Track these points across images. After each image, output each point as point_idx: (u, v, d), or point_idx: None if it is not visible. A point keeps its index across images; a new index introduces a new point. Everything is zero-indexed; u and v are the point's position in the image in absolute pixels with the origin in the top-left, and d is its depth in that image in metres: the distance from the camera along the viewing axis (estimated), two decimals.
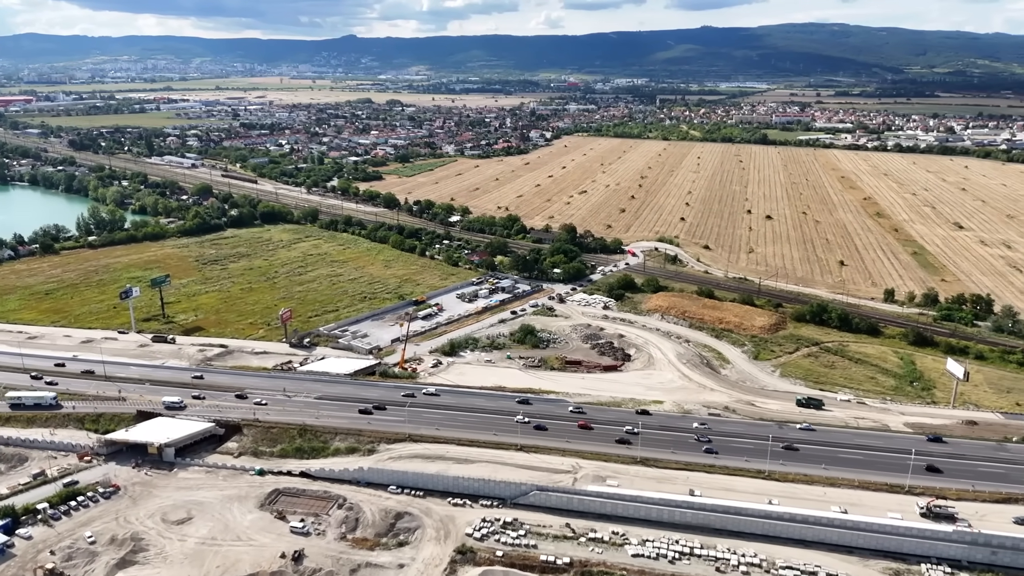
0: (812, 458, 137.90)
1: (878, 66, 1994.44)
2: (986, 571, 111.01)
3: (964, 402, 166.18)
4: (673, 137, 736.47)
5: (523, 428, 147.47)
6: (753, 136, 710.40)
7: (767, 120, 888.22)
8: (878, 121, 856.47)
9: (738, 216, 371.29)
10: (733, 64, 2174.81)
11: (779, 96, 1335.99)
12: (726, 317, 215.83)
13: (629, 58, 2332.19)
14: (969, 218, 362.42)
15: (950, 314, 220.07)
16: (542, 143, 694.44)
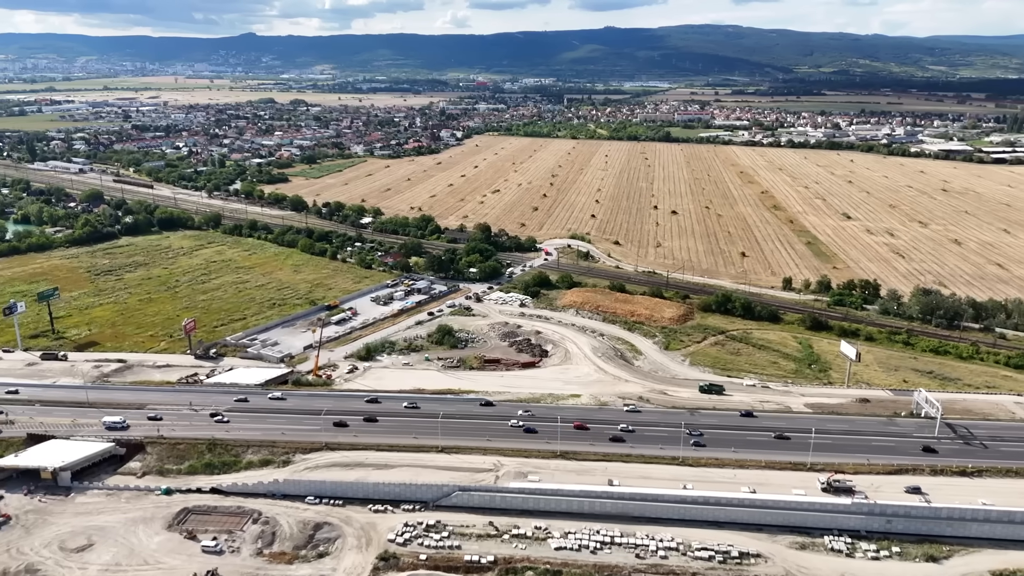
0: (722, 442, 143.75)
1: (770, 66, 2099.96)
2: (882, 539, 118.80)
3: (857, 381, 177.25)
4: (581, 136, 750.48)
5: (445, 429, 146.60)
6: (657, 134, 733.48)
7: (670, 119, 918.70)
8: (772, 118, 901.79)
9: (646, 212, 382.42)
10: (636, 64, 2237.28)
11: (680, 95, 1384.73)
12: (637, 310, 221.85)
13: (536, 58, 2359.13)
14: (856, 209, 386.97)
15: (842, 299, 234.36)
16: (453, 143, 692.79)
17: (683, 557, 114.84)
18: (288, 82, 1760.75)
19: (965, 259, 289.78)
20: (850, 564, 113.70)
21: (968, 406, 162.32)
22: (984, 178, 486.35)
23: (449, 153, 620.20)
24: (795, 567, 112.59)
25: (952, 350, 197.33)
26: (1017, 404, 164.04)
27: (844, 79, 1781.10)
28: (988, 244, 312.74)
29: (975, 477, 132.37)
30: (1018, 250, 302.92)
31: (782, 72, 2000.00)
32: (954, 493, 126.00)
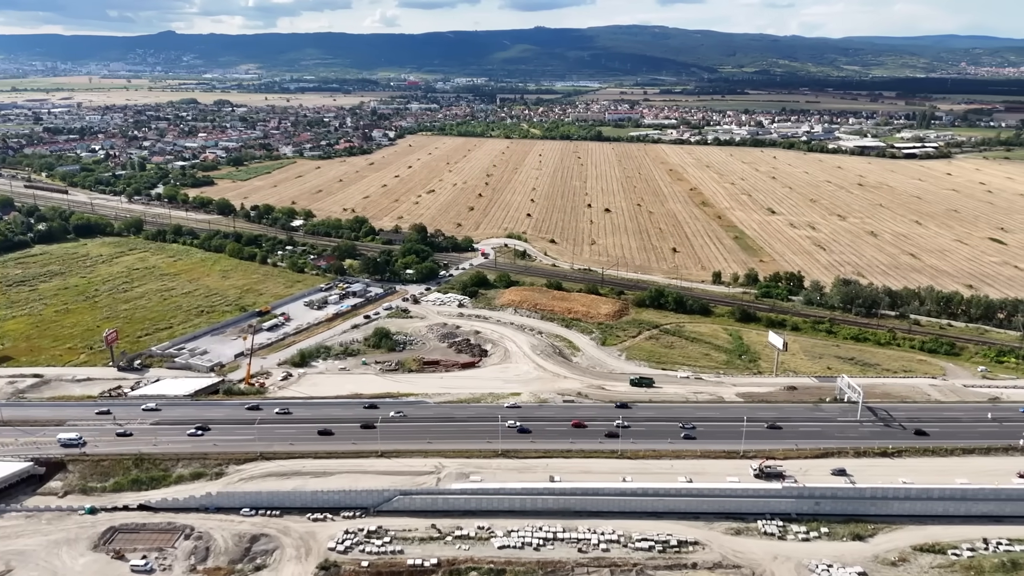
0: (660, 434, 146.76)
1: (696, 66, 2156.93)
2: (812, 520, 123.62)
3: (785, 370, 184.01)
4: (515, 135, 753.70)
5: (385, 433, 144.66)
6: (589, 133, 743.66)
7: (601, 118, 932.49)
8: (699, 117, 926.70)
9: (580, 210, 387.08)
10: (567, 64, 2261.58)
11: (610, 94, 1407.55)
12: (574, 307, 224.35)
13: (468, 58, 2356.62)
14: (780, 203, 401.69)
15: (769, 291, 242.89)
16: (386, 143, 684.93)
17: (624, 549, 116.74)
18: (211, 82, 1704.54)
19: (881, 250, 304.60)
20: (782, 546, 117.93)
21: (887, 390, 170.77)
22: (896, 172, 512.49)
23: (382, 153, 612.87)
24: (731, 552, 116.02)
25: (871, 337, 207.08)
26: (932, 386, 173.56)
27: (765, 79, 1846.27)
28: (902, 235, 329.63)
29: (895, 457, 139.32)
30: (929, 240, 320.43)
31: (707, 72, 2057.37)
32: (877, 473, 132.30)
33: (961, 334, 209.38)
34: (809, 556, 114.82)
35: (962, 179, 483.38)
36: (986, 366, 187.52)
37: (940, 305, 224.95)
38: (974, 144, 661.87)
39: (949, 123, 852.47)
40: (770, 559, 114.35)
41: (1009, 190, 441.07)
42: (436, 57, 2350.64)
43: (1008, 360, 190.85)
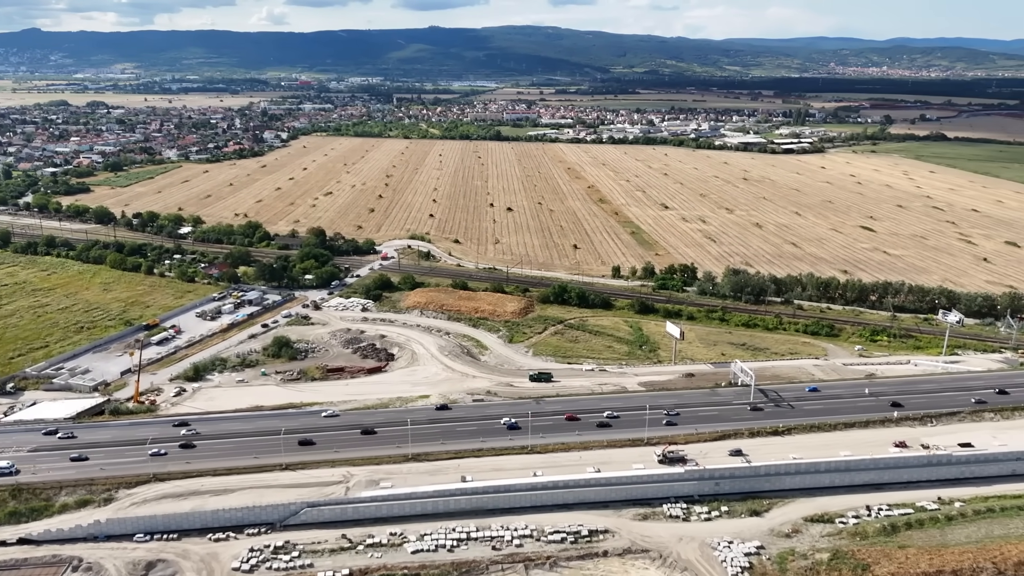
0: (567, 426, 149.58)
1: (589, 66, 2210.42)
2: (713, 500, 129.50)
3: (683, 358, 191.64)
4: (414, 135, 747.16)
5: (287, 445, 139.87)
6: (488, 133, 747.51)
7: (499, 118, 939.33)
8: (593, 116, 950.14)
9: (482, 209, 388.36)
10: (463, 64, 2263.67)
11: (507, 94, 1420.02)
12: (481, 306, 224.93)
13: (362, 57, 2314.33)
14: (672, 199, 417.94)
15: (665, 283, 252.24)
16: (278, 144, 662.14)
17: (537, 543, 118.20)
18: (83, 82, 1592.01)
19: (766, 240, 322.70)
20: (687, 528, 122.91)
21: (776, 372, 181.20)
22: (777, 167, 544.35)
23: (275, 155, 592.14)
24: (639, 537, 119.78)
25: (760, 323, 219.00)
26: (816, 367, 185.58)
27: (655, 78, 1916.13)
28: (784, 226, 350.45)
29: (786, 435, 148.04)
30: (808, 230, 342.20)
31: (600, 72, 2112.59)
32: (770, 451, 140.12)
33: (839, 316, 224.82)
34: (711, 535, 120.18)
35: (835, 172, 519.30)
36: (862, 345, 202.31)
37: (820, 290, 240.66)
38: (844, 139, 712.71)
39: (822, 120, 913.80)
40: (676, 541, 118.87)
41: (876, 181, 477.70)
42: (328, 56, 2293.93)
43: (881, 339, 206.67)
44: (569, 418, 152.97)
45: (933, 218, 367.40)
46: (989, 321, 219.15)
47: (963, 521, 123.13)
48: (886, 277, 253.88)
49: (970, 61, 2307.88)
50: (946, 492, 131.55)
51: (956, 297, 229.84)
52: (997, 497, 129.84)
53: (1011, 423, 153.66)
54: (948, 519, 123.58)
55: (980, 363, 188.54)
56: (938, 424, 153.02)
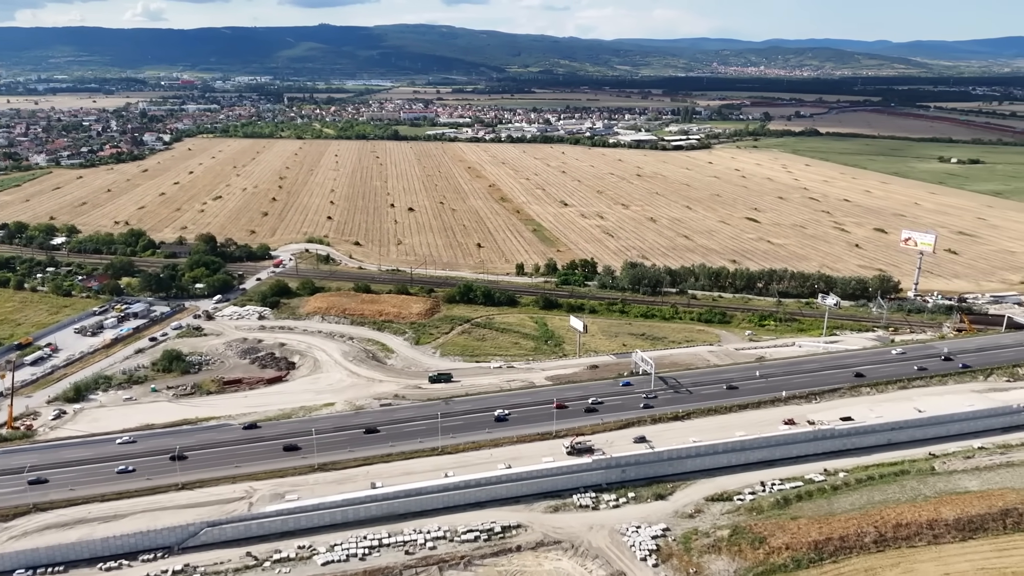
0: (476, 425, 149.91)
1: (484, 65, 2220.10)
2: (620, 488, 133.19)
3: (587, 350, 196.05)
4: (308, 136, 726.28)
5: (183, 464, 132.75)
6: (386, 133, 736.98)
7: (396, 117, 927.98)
8: (491, 115, 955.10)
9: (383, 210, 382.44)
10: (357, 63, 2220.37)
11: (404, 93, 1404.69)
12: (385, 309, 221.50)
13: (248, 55, 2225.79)
14: (571, 196, 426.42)
15: (567, 279, 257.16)
16: (160, 147, 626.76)
17: (451, 543, 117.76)
18: None
19: (660, 234, 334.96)
20: (596, 516, 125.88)
21: (674, 359, 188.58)
22: (668, 163, 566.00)
23: (157, 159, 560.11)
24: (551, 529, 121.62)
25: (657, 313, 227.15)
26: (711, 353, 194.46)
27: (549, 78, 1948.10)
28: (676, 219, 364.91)
29: (685, 420, 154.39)
30: (698, 223, 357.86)
31: (496, 71, 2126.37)
32: (671, 436, 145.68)
33: (730, 304, 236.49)
34: (620, 521, 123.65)
35: (721, 167, 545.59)
36: (752, 330, 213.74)
37: (711, 280, 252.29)
38: (729, 135, 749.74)
39: (707, 117, 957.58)
40: (586, 530, 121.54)
41: (759, 175, 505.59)
42: (212, 54, 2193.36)
43: (768, 323, 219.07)
44: (477, 416, 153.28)
45: (810, 208, 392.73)
46: (862, 303, 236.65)
47: (847, 490, 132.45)
48: (771, 265, 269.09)
49: (838, 61, 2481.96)
50: (831, 464, 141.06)
51: (833, 281, 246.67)
52: (876, 465, 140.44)
53: (885, 396, 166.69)
54: (834, 489, 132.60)
55: (856, 342, 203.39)
56: (822, 401, 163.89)
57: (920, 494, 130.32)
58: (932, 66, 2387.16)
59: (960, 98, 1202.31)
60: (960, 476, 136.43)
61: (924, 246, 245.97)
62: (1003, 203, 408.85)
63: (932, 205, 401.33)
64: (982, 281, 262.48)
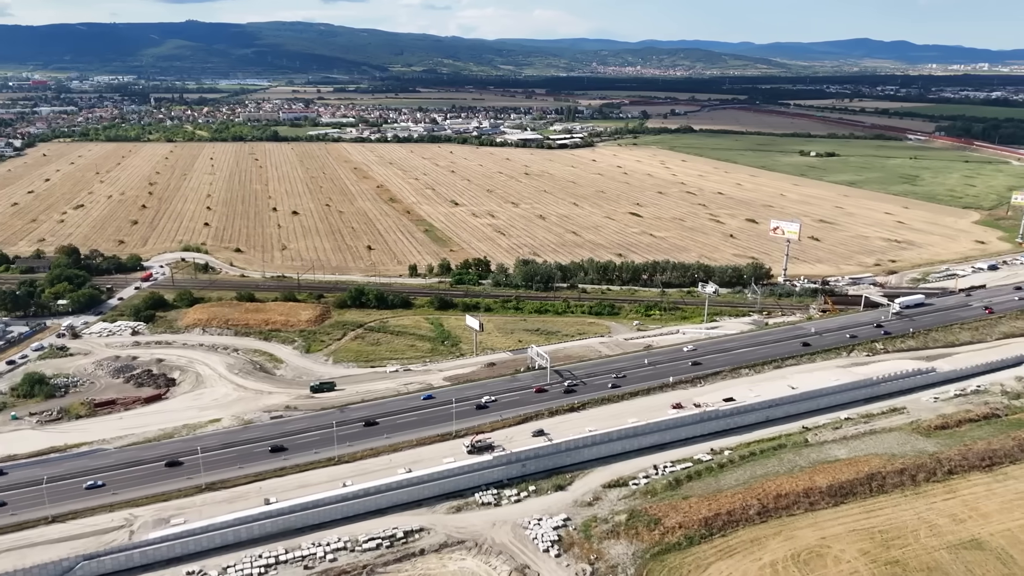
0: (377, 431, 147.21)
1: (366, 64, 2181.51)
2: (521, 482, 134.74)
3: (484, 348, 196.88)
4: (179, 138, 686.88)
5: (53, 495, 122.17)
6: (265, 134, 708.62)
7: (276, 117, 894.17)
8: (376, 115, 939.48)
9: (265, 215, 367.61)
10: (230, 61, 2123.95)
11: (282, 93, 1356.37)
12: (272, 317, 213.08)
13: (108, 53, 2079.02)
14: (461, 195, 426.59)
15: (461, 278, 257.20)
16: (11, 153, 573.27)
17: (352, 554, 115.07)
18: None
19: (550, 231, 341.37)
20: (499, 512, 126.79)
21: (568, 352, 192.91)
22: (554, 161, 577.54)
23: (7, 166, 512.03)
24: (454, 530, 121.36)
25: (550, 308, 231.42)
26: (602, 343, 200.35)
27: (434, 77, 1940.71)
28: (564, 216, 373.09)
29: (581, 411, 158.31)
30: (585, 219, 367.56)
31: (378, 70, 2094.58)
32: (569, 428, 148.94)
33: (618, 296, 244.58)
34: (522, 515, 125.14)
35: (604, 164, 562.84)
36: (639, 320, 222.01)
37: (600, 273, 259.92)
38: (610, 133, 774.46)
39: (589, 116, 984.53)
40: (490, 527, 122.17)
41: (640, 171, 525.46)
42: (67, 52, 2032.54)
43: (654, 313, 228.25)
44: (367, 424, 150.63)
45: (688, 202, 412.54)
46: (738, 289, 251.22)
47: (732, 467, 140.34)
48: (654, 257, 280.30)
49: (707, 61, 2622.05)
50: (717, 443, 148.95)
51: (711, 270, 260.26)
52: (757, 442, 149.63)
53: (762, 376, 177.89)
54: (720, 467, 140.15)
55: (734, 326, 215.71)
56: (705, 384, 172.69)
57: (796, 465, 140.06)
58: (791, 66, 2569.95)
59: (816, 96, 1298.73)
60: (830, 446, 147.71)
61: (790, 234, 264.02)
62: (857, 192, 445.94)
63: (796, 196, 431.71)
64: (842, 265, 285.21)
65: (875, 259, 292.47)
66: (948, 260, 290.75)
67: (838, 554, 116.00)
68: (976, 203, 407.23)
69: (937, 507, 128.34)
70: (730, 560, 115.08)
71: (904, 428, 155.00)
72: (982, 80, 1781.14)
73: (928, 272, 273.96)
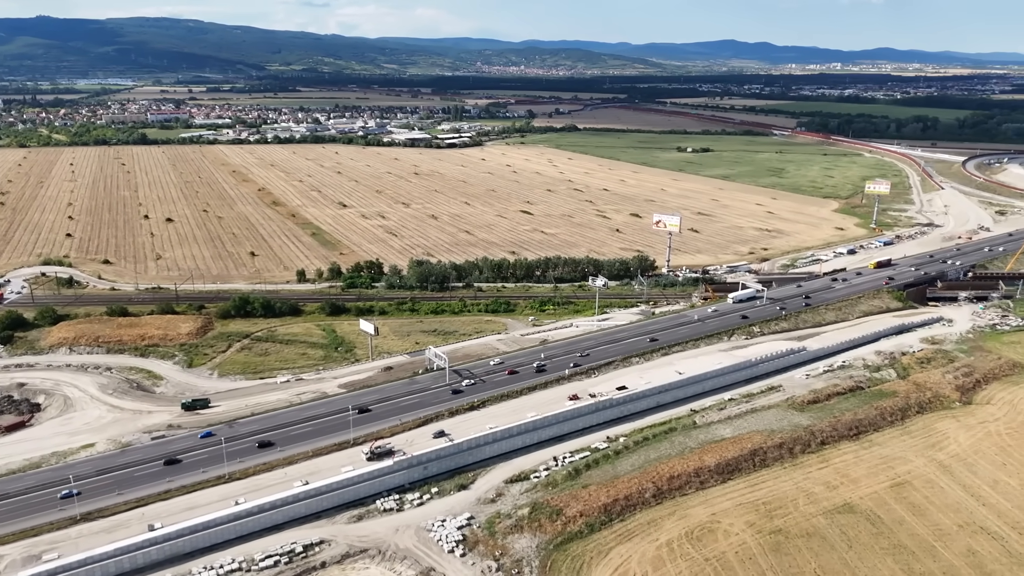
0: (269, 444, 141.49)
1: (242, 63, 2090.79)
2: (423, 485, 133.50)
3: (380, 352, 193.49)
4: (33, 143, 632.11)
5: None
6: (131, 136, 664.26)
7: (143, 119, 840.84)
8: (254, 115, 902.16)
9: (135, 223, 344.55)
10: (89, 60, 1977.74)
11: (150, 93, 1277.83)
12: (148, 332, 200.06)
13: None
14: (349, 197, 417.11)
15: (353, 282, 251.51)
16: None
17: (248, 574, 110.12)
18: None
19: (442, 230, 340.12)
20: (402, 517, 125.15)
21: (467, 351, 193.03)
22: (444, 161, 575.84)
23: None
24: (356, 539, 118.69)
25: (447, 308, 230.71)
26: (499, 340, 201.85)
27: (315, 76, 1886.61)
28: (456, 215, 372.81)
29: (481, 408, 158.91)
30: (478, 217, 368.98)
31: (255, 69, 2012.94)
32: (470, 426, 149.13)
33: (513, 293, 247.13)
34: (426, 518, 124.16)
35: (493, 163, 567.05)
36: (534, 316, 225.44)
37: (494, 271, 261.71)
38: (498, 132, 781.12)
39: (477, 115, 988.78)
40: (393, 533, 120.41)
41: (528, 170, 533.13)
42: None
43: (548, 308, 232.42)
44: (266, 435, 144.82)
45: (576, 199, 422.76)
46: (626, 281, 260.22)
47: (627, 453, 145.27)
48: (546, 253, 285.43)
49: (588, 61, 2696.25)
50: (612, 431, 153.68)
51: (600, 265, 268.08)
52: (649, 427, 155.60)
53: (652, 363, 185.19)
54: (616, 454, 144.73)
55: (624, 317, 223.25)
56: (600, 374, 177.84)
57: (687, 447, 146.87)
58: (666, 66, 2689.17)
59: (690, 94, 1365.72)
60: (716, 426, 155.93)
61: (672, 227, 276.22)
62: (731, 185, 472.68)
63: (676, 190, 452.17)
64: (719, 254, 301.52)
65: (749, 248, 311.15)
66: (813, 246, 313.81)
67: (727, 528, 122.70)
68: (835, 193, 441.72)
69: (813, 476, 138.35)
70: (629, 543, 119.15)
71: (781, 405, 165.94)
72: (836, 79, 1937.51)
73: (796, 258, 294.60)
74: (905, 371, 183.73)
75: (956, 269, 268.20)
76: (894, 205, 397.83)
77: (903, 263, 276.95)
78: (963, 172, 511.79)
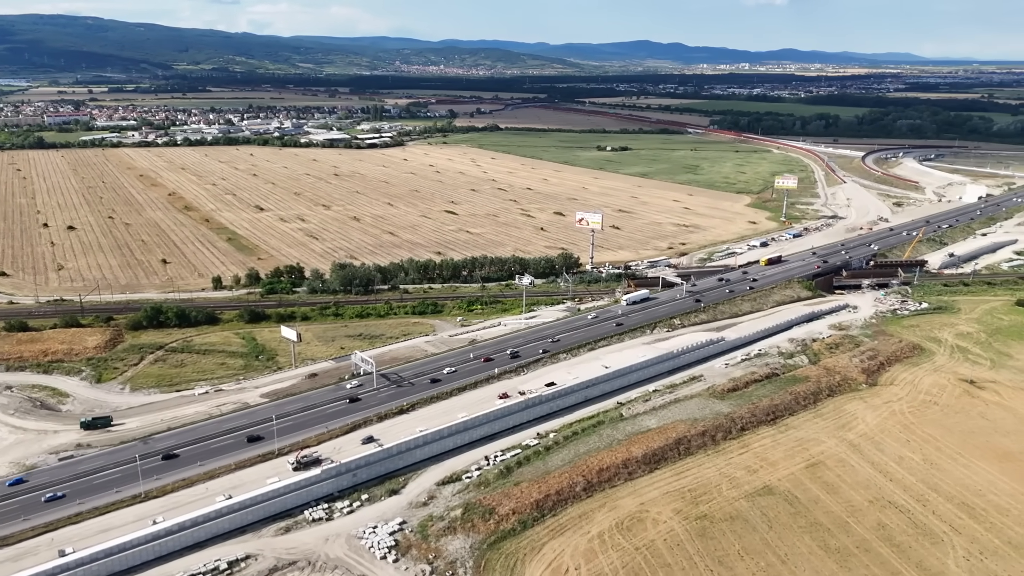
0: (189, 459, 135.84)
1: (146, 62, 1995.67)
2: (353, 492, 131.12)
3: (303, 359, 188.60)
4: None
5: None
6: (27, 140, 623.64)
7: (39, 122, 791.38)
8: (161, 117, 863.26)
9: (33, 232, 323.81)
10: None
11: (46, 94, 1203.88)
12: (51, 347, 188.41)
13: None
14: (266, 200, 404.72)
15: (273, 287, 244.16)
16: None
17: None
18: None
19: (365, 232, 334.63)
20: (332, 526, 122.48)
21: (394, 354, 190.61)
22: (365, 161, 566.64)
23: None
24: (284, 552, 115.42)
25: (372, 311, 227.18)
26: (427, 342, 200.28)
27: (226, 76, 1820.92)
28: (380, 217, 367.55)
29: (411, 411, 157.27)
30: (401, 218, 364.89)
31: (161, 69, 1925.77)
32: (400, 430, 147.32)
33: (440, 294, 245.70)
34: (356, 525, 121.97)
35: (416, 163, 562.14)
36: (462, 316, 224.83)
37: (420, 273, 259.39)
38: (420, 132, 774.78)
39: (397, 115, 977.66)
40: (322, 542, 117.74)
41: (452, 170, 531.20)
42: None
43: (476, 308, 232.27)
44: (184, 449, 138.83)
45: (500, 198, 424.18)
46: (552, 279, 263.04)
47: (557, 448, 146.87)
48: (472, 253, 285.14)
49: (507, 61, 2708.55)
50: (542, 427, 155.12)
51: (526, 263, 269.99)
52: (578, 421, 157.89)
53: (579, 359, 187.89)
54: (547, 450, 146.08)
55: (551, 314, 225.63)
56: (528, 372, 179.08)
57: (615, 439, 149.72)
58: (583, 66, 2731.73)
59: (608, 94, 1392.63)
60: (642, 418, 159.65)
61: (594, 224, 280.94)
62: (649, 183, 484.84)
63: (597, 188, 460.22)
64: (640, 250, 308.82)
65: (668, 243, 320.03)
66: (728, 240, 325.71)
67: (655, 516, 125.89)
68: (747, 188, 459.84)
69: (734, 461, 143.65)
70: (562, 537, 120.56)
71: (703, 394, 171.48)
72: (745, 78, 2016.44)
73: (712, 252, 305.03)
74: (816, 357, 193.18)
75: (846, 261, 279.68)
76: (801, 199, 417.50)
77: (793, 258, 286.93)
78: (863, 167, 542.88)
